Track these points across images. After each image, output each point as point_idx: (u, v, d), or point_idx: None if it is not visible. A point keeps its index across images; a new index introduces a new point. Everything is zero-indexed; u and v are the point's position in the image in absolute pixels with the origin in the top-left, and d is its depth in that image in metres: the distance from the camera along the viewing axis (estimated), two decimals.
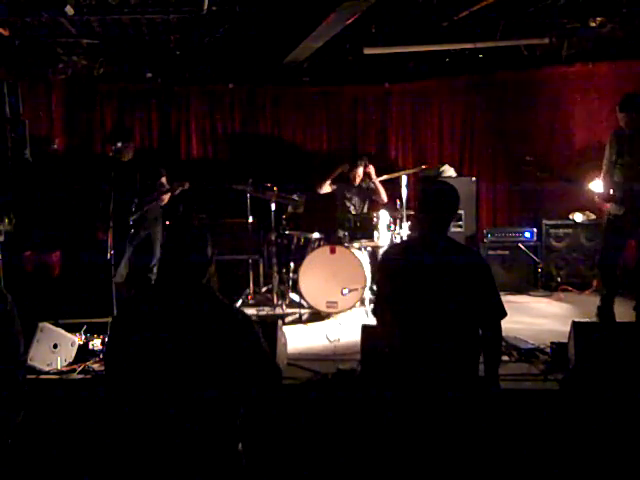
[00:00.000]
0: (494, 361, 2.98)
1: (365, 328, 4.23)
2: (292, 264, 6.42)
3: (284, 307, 6.27)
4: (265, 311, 6.30)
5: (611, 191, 5.16)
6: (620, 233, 5.25)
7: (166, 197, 6.20)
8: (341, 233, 6.52)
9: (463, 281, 2.84)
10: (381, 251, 6.78)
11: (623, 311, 5.58)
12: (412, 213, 6.27)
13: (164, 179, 6.25)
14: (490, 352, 2.96)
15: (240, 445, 2.45)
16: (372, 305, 3.10)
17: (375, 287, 3.11)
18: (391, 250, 3.17)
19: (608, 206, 5.27)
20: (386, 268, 3.05)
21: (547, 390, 3.93)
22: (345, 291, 5.81)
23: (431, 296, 2.82)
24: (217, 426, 2.36)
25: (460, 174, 7.92)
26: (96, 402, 3.75)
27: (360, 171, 7.07)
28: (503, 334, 4.78)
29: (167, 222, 6.96)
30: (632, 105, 5.11)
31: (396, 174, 6.74)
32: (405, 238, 6.22)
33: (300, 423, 3.74)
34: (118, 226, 5.61)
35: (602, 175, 5.33)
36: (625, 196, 5.10)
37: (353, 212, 6.49)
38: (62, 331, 4.50)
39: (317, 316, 6.01)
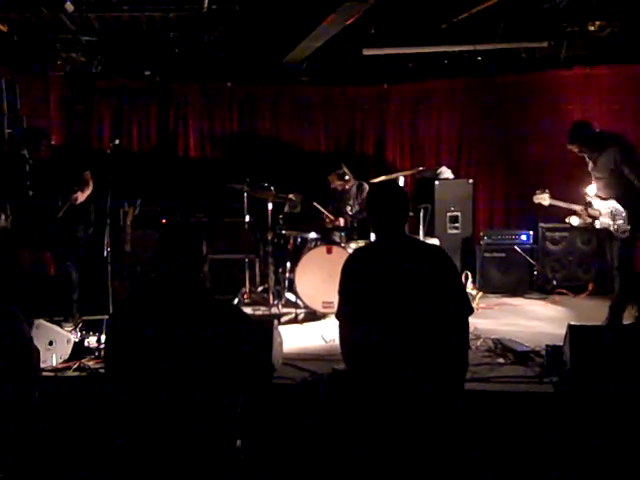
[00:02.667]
0: (460, 364, 2.85)
1: None
2: (288, 264, 6.41)
3: (280, 307, 6.26)
4: (261, 311, 6.30)
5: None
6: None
7: (80, 196, 5.67)
8: (337, 235, 6.52)
9: (434, 279, 2.79)
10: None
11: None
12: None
13: (88, 173, 5.80)
14: (456, 352, 2.81)
15: (239, 442, 2.46)
16: (336, 310, 2.99)
17: (339, 292, 3.01)
18: (356, 254, 3.05)
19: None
20: (353, 273, 2.92)
21: (542, 393, 3.94)
22: None
23: (407, 298, 2.76)
24: (215, 423, 2.36)
25: (457, 176, 7.92)
26: (91, 399, 3.75)
27: (336, 183, 6.94)
28: (499, 336, 4.93)
29: (163, 221, 6.97)
30: (574, 136, 5.30)
31: (394, 175, 6.73)
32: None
33: (296, 423, 3.74)
34: (43, 228, 5.54)
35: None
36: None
37: (350, 212, 6.48)
38: (58, 328, 4.50)
39: (313, 316, 6.01)
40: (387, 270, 2.82)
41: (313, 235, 6.34)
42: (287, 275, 6.43)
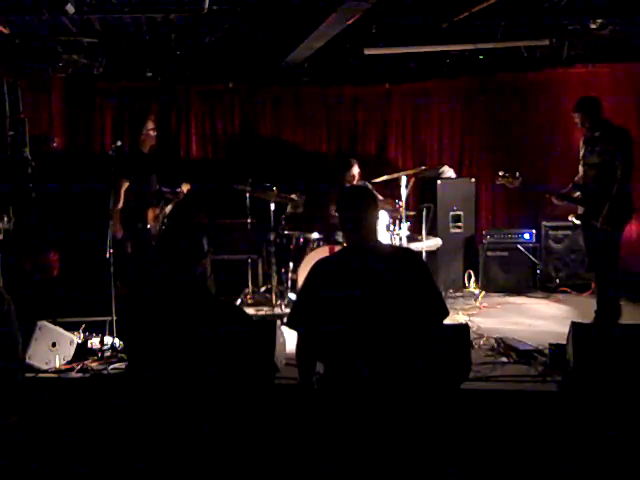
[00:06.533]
0: (441, 368, 2.93)
1: None
2: (291, 264, 6.41)
3: (283, 307, 6.27)
4: (264, 311, 6.31)
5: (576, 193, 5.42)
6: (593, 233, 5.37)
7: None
8: (339, 234, 6.52)
9: (408, 284, 2.75)
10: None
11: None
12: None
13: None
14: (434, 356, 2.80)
15: (239, 442, 2.46)
16: (290, 316, 2.91)
17: (300, 298, 2.97)
18: (325, 261, 2.94)
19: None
20: (320, 281, 2.83)
21: (545, 391, 3.93)
22: None
23: (381, 306, 2.70)
24: (218, 423, 2.37)
25: (460, 175, 7.92)
26: (94, 401, 3.76)
27: (355, 171, 7.09)
28: (501, 335, 4.92)
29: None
30: (581, 106, 5.42)
31: (396, 174, 6.73)
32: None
33: (298, 423, 3.74)
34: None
35: None
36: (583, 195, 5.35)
37: None
38: (61, 330, 4.50)
39: None
40: (356, 276, 2.76)
41: (315, 235, 6.35)
42: (290, 275, 6.43)
